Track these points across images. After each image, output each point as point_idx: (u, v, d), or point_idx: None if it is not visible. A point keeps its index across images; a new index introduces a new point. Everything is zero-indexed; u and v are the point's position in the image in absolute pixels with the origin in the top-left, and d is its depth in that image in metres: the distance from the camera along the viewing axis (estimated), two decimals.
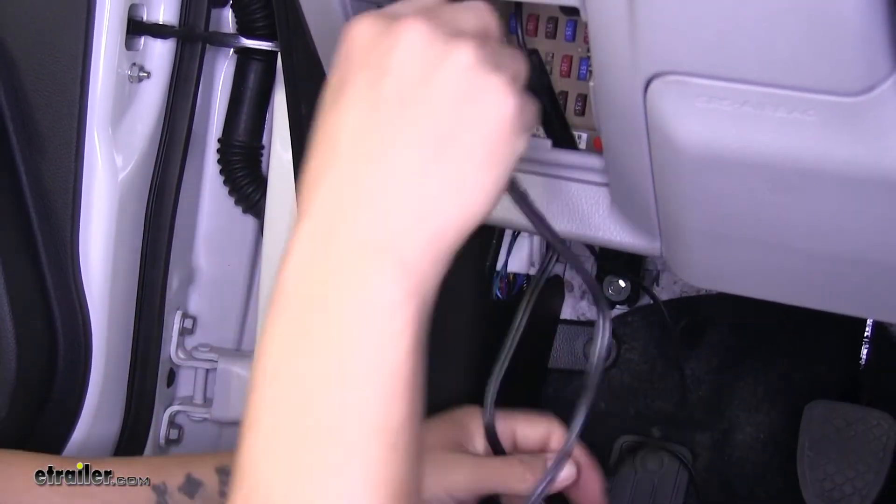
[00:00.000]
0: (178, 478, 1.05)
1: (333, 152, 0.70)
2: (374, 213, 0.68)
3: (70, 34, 1.21)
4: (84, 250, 1.29)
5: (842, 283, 0.87)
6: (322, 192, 0.69)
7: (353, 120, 0.70)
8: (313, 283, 0.68)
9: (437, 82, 0.69)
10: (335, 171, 0.69)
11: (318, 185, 0.70)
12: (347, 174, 0.69)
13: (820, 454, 1.49)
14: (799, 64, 0.69)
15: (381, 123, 0.69)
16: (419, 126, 0.68)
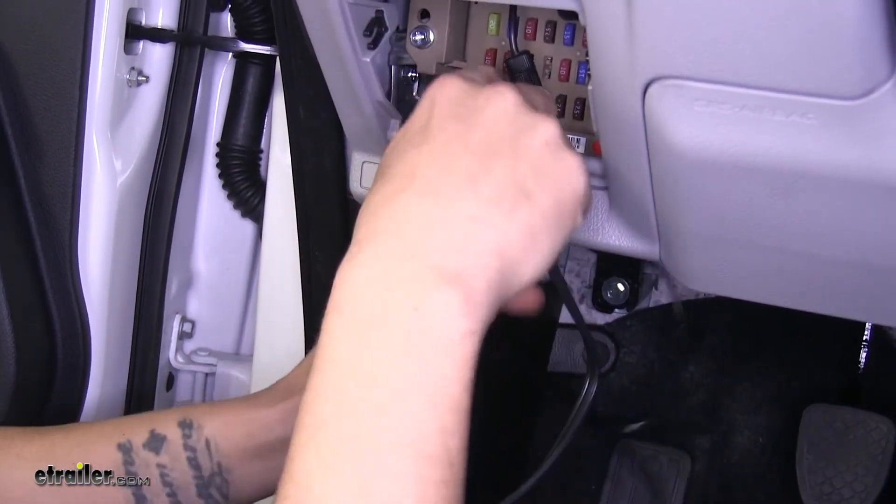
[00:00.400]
0: (142, 435, 1.05)
1: (417, 181, 0.73)
2: (452, 243, 0.70)
3: (69, 38, 1.21)
4: (83, 254, 1.28)
5: (841, 286, 0.88)
6: (400, 214, 0.72)
7: (444, 158, 0.73)
8: (378, 303, 0.69)
9: (524, 145, 0.74)
10: (418, 198, 0.72)
11: (395, 207, 0.72)
12: (430, 202, 0.72)
13: (819, 458, 1.49)
14: (797, 67, 0.70)
15: (470, 166, 0.72)
16: (504, 178, 0.72)
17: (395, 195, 0.73)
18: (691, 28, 0.71)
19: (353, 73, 0.97)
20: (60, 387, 1.30)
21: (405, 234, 0.71)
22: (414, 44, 1.01)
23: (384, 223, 0.72)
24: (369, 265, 0.71)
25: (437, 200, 0.71)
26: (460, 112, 0.75)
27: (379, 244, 0.71)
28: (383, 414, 0.66)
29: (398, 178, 0.74)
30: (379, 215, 0.73)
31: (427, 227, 0.71)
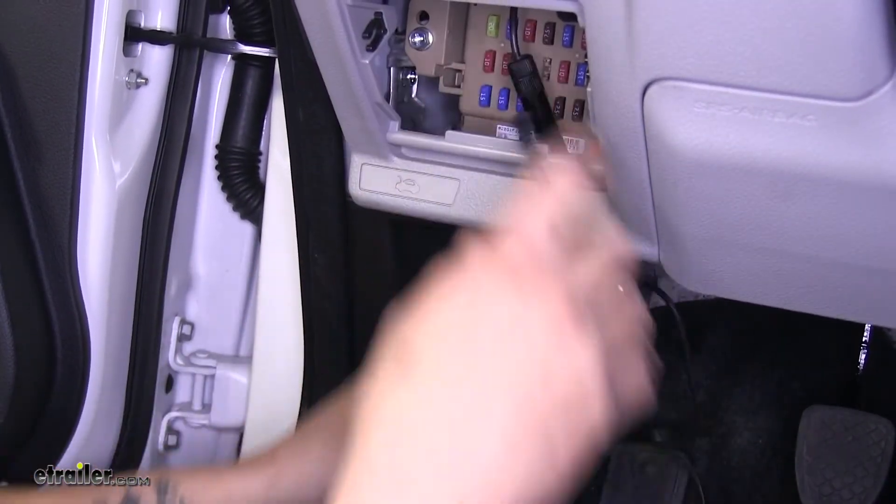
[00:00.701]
0: (116, 498, 1.03)
1: (412, 381, 0.64)
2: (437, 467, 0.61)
3: (68, 40, 1.21)
4: (82, 257, 1.28)
5: (840, 288, 0.88)
6: (384, 421, 0.63)
7: (445, 358, 0.64)
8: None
9: (552, 375, 0.63)
10: (410, 405, 0.63)
11: (379, 410, 0.64)
12: (425, 421, 0.62)
13: (818, 459, 1.50)
14: (797, 69, 0.70)
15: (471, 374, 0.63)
16: (518, 411, 0.62)
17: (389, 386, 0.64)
18: (691, 29, 0.71)
19: (353, 74, 0.97)
20: (59, 389, 1.30)
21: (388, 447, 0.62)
22: (413, 46, 1.01)
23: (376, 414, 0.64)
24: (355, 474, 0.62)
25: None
26: (492, 313, 0.64)
27: (371, 442, 0.63)
28: None
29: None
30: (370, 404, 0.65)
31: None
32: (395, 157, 1.05)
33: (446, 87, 1.05)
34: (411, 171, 1.05)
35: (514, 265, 0.65)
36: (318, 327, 1.38)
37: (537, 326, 0.63)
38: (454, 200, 1.03)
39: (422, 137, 1.03)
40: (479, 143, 1.00)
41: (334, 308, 1.36)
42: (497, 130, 1.05)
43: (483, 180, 1.01)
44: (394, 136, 1.03)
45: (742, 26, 0.69)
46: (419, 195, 1.05)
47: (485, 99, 1.04)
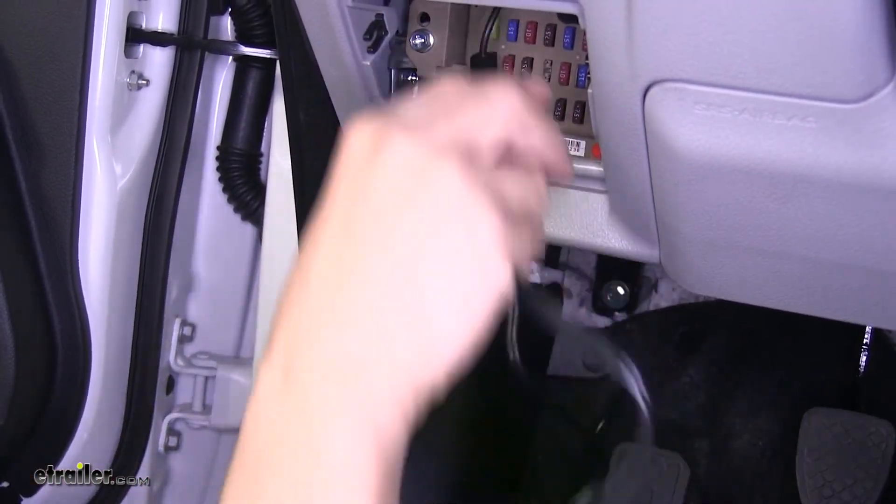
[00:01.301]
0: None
1: (304, 283, 0.62)
2: (330, 353, 0.58)
3: (69, 42, 1.22)
4: (83, 258, 1.29)
5: (840, 290, 0.88)
6: (284, 327, 0.61)
7: (326, 248, 0.63)
8: (269, 436, 0.60)
9: (414, 207, 0.59)
10: (301, 302, 0.61)
11: (283, 317, 0.62)
12: (312, 306, 0.60)
13: (818, 461, 1.49)
14: (797, 71, 0.70)
15: (350, 252, 0.61)
16: (385, 256, 0.59)
17: (285, 304, 0.62)
18: (691, 31, 0.71)
19: (354, 76, 0.97)
20: (60, 390, 1.30)
21: (286, 352, 0.60)
22: (414, 47, 1.01)
23: (270, 342, 0.61)
24: (259, 393, 0.61)
25: (317, 300, 0.61)
26: (350, 176, 0.65)
27: (264, 367, 0.61)
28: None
29: (293, 277, 0.64)
30: (271, 329, 0.62)
31: (304, 335, 0.60)
32: None
33: None
34: None
35: (426, 122, 0.62)
36: None
37: (385, 167, 0.61)
38: None
39: None
40: None
41: None
42: None
43: None
44: None
45: (742, 28, 0.69)
46: None
47: None
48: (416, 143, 0.60)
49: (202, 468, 1.59)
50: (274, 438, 0.59)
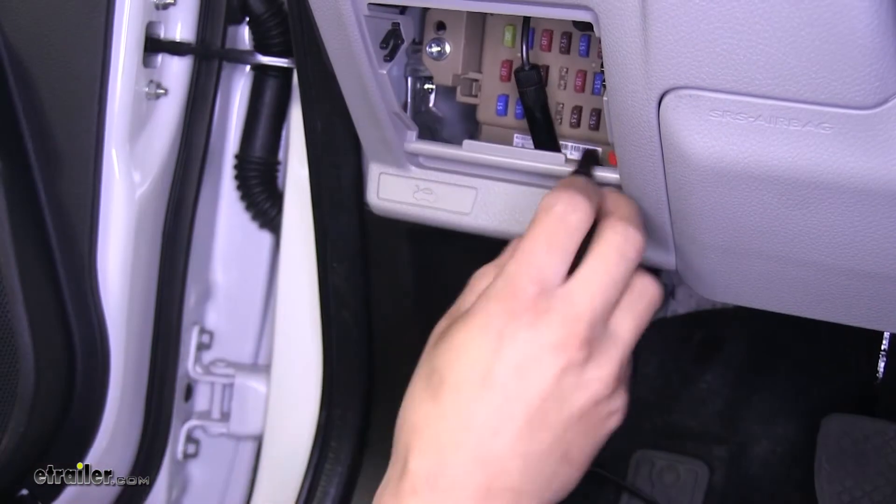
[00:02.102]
0: None
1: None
2: (501, 483, 0.72)
3: (88, 52, 1.22)
4: (102, 266, 1.29)
5: (858, 296, 0.88)
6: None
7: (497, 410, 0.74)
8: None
9: (565, 395, 0.73)
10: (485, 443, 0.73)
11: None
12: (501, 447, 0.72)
13: (837, 468, 1.49)
14: (812, 77, 0.70)
15: (529, 428, 0.73)
16: (549, 435, 0.74)
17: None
18: (706, 39, 0.71)
19: (370, 84, 0.98)
20: (79, 398, 1.31)
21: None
22: (430, 55, 1.02)
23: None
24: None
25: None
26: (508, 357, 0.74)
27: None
28: None
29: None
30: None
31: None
32: (413, 167, 1.06)
33: (463, 97, 1.06)
34: (429, 180, 1.05)
35: (524, 302, 0.73)
36: (337, 336, 1.38)
37: (548, 359, 0.72)
38: (471, 209, 1.03)
39: (439, 147, 1.03)
40: (496, 152, 1.00)
41: (352, 316, 1.36)
42: (514, 139, 1.05)
43: (500, 189, 1.01)
44: (411, 145, 1.03)
45: (757, 35, 0.70)
46: (437, 204, 1.05)
47: (501, 108, 1.04)
48: (582, 354, 0.73)
49: (220, 476, 1.60)
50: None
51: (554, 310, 0.72)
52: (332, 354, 1.40)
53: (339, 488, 1.44)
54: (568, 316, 0.72)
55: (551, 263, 0.74)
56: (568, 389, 0.72)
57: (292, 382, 1.47)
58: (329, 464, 1.44)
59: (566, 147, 1.02)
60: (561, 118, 1.02)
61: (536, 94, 0.99)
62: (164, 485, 1.48)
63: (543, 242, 0.74)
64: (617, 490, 1.60)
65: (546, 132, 1.01)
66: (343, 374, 1.41)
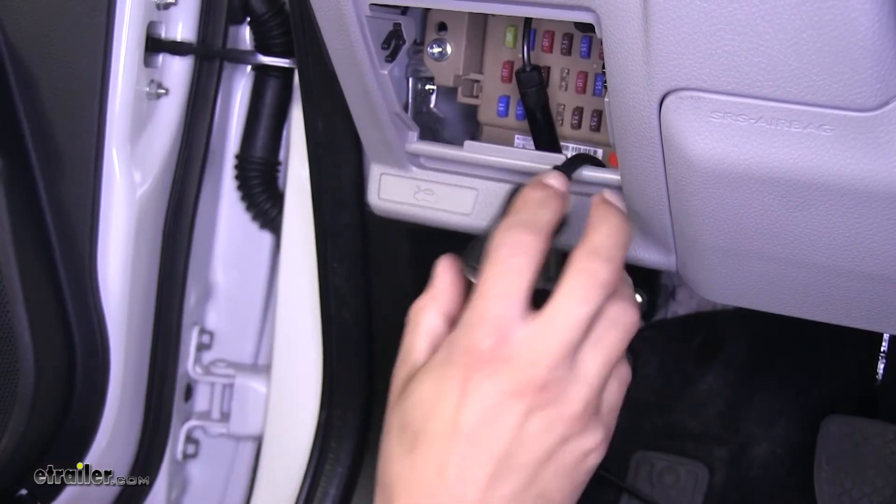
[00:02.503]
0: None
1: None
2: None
3: (89, 51, 1.22)
4: (102, 266, 1.29)
5: (858, 298, 0.88)
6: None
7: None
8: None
9: (555, 460, 0.75)
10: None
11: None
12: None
13: (837, 469, 1.49)
14: (813, 79, 0.70)
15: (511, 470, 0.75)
16: (534, 475, 0.75)
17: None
18: (708, 40, 0.71)
19: (371, 85, 0.98)
20: (79, 398, 1.31)
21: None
22: (431, 56, 1.02)
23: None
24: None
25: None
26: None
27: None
28: None
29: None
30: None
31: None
32: (414, 167, 1.06)
33: (464, 98, 1.06)
34: (430, 180, 1.05)
35: (484, 354, 0.74)
36: (337, 336, 1.38)
37: (509, 406, 0.73)
38: (472, 210, 1.03)
39: (440, 147, 1.03)
40: (497, 153, 1.00)
41: (353, 317, 1.36)
42: (515, 140, 1.05)
43: (501, 190, 1.01)
44: (412, 146, 1.03)
45: (758, 37, 0.70)
46: (438, 205, 1.05)
47: (503, 109, 1.04)
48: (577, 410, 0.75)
49: (220, 476, 1.60)
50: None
51: (513, 357, 0.74)
52: (333, 355, 1.40)
53: (339, 489, 1.44)
54: (526, 362, 0.73)
55: (505, 312, 0.75)
56: (533, 433, 0.73)
57: (292, 383, 1.47)
58: (329, 464, 1.44)
59: (567, 148, 1.02)
60: (562, 119, 1.02)
61: (537, 95, 0.99)
62: (163, 485, 1.48)
63: (494, 292, 0.75)
64: (617, 491, 1.60)
65: (547, 133, 1.01)
66: (343, 375, 1.41)
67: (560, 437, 0.74)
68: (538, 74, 0.99)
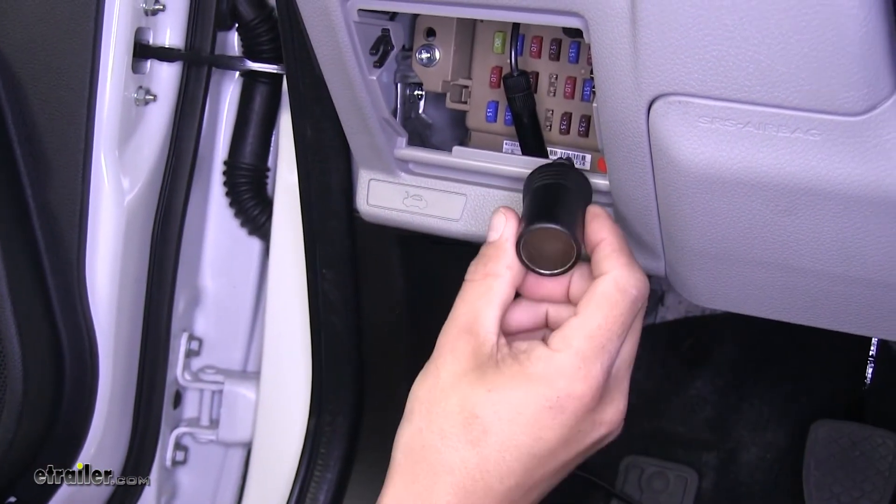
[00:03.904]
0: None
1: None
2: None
3: (77, 58, 1.22)
4: (91, 273, 1.29)
5: (846, 302, 0.88)
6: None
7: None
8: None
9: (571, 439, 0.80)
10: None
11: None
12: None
13: (826, 474, 1.49)
14: (801, 84, 0.70)
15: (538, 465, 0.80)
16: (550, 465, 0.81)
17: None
18: (696, 45, 0.72)
19: (360, 91, 0.98)
20: (68, 405, 1.30)
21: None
22: (420, 62, 1.02)
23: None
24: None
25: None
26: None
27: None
28: None
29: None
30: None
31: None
32: (403, 173, 1.06)
33: (453, 103, 1.06)
34: (418, 186, 1.05)
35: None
36: (326, 342, 1.38)
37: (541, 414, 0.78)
38: (461, 215, 1.03)
39: (429, 153, 1.03)
40: (485, 158, 1.00)
41: (342, 323, 1.36)
42: (503, 146, 1.05)
43: (490, 195, 1.02)
44: (401, 151, 1.03)
45: (746, 42, 0.70)
46: (426, 210, 1.05)
47: (491, 115, 1.04)
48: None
49: (209, 482, 1.59)
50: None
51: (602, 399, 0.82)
52: (322, 361, 1.39)
53: (329, 495, 1.44)
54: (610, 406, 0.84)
55: (607, 367, 0.80)
56: (584, 445, 0.82)
57: (281, 389, 1.46)
58: (318, 470, 1.44)
59: (554, 153, 1.02)
60: (550, 125, 1.02)
61: (524, 101, 0.99)
62: (152, 492, 1.48)
63: (613, 345, 0.81)
64: (606, 496, 1.60)
65: (534, 138, 1.01)
66: (332, 381, 1.41)
67: (599, 440, 0.83)
68: (525, 80, 0.99)
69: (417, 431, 0.79)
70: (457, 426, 0.77)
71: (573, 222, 0.81)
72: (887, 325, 0.91)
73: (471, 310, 0.81)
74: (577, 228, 0.81)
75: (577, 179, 0.86)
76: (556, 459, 0.79)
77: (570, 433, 0.78)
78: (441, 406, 0.79)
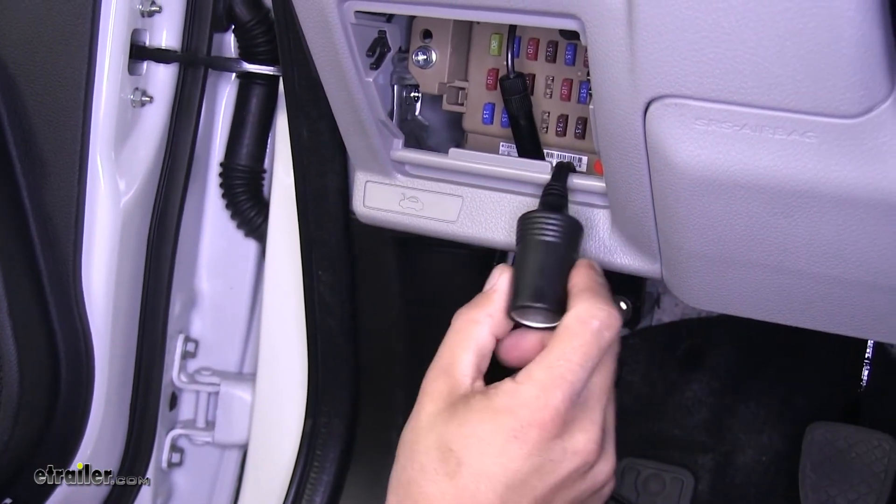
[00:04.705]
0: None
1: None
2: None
3: (73, 59, 1.22)
4: (86, 274, 1.29)
5: (842, 304, 0.88)
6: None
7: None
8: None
9: (544, 467, 0.82)
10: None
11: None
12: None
13: (822, 476, 1.49)
14: (797, 86, 0.70)
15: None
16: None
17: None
18: (692, 48, 0.72)
19: (356, 92, 0.98)
20: (63, 406, 1.30)
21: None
22: (416, 64, 1.02)
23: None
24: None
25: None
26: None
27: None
28: None
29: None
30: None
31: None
32: (399, 175, 1.06)
33: (449, 105, 1.06)
34: (415, 188, 1.05)
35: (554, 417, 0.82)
36: (322, 344, 1.38)
37: (519, 439, 0.80)
38: (457, 217, 1.03)
39: (425, 155, 1.03)
40: (482, 160, 1.00)
41: (338, 325, 1.36)
42: (500, 148, 1.05)
43: (486, 197, 1.02)
44: (397, 153, 1.03)
45: (743, 44, 0.70)
46: (423, 212, 1.05)
47: (488, 117, 1.04)
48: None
49: (205, 484, 1.59)
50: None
51: (574, 423, 0.84)
52: (318, 363, 1.39)
53: (325, 497, 1.44)
54: (582, 431, 0.85)
55: (581, 382, 0.84)
56: (545, 464, 0.82)
57: (277, 391, 1.46)
58: (314, 472, 1.43)
59: (551, 155, 1.02)
60: (547, 127, 1.02)
61: (521, 103, 0.99)
62: (148, 494, 1.47)
63: (581, 363, 0.83)
64: None
65: (530, 140, 1.01)
66: (328, 383, 1.41)
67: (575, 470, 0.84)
68: (522, 82, 0.99)
69: (402, 469, 0.84)
70: (434, 461, 0.82)
71: (558, 292, 0.86)
72: (883, 328, 0.91)
73: (449, 353, 0.86)
74: (562, 292, 0.86)
75: (569, 231, 0.88)
76: (532, 489, 0.81)
77: (539, 461, 0.81)
78: (421, 444, 0.83)
